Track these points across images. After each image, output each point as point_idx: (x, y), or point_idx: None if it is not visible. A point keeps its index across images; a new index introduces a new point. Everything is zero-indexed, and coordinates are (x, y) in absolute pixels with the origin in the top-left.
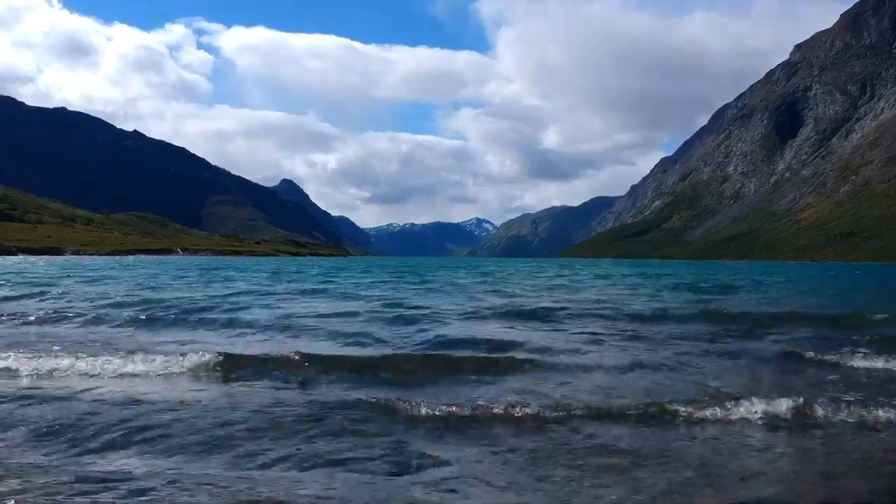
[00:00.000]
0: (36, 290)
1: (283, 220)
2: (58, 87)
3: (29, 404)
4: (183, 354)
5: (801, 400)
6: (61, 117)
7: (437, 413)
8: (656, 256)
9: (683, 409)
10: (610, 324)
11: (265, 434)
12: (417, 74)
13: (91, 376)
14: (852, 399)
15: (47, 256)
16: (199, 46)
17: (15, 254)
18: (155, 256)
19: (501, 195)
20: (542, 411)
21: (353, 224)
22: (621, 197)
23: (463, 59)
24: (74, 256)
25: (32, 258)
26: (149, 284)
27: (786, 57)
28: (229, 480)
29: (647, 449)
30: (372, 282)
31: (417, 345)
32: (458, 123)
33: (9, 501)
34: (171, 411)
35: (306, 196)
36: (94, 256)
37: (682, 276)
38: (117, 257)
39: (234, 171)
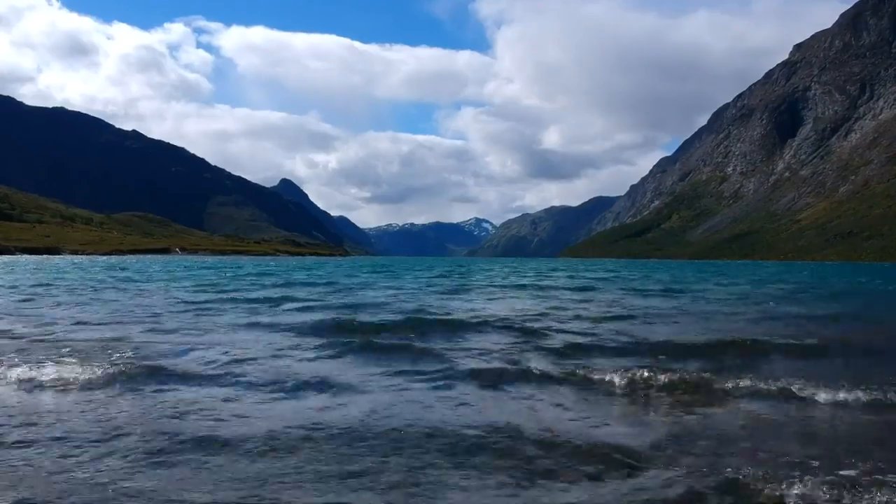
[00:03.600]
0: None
1: (284, 221)
2: (59, 87)
3: None
4: None
5: None
6: (61, 117)
7: None
8: (657, 257)
9: None
10: None
11: None
12: (418, 74)
13: None
14: None
15: (45, 256)
16: (199, 46)
17: (13, 253)
18: (153, 256)
19: (502, 195)
20: None
21: (352, 224)
22: (621, 197)
23: (463, 59)
24: (75, 256)
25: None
26: None
27: (785, 57)
28: None
29: None
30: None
31: None
32: (459, 123)
33: None
34: None
35: (305, 196)
36: (93, 256)
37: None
38: (118, 257)
39: (236, 172)
